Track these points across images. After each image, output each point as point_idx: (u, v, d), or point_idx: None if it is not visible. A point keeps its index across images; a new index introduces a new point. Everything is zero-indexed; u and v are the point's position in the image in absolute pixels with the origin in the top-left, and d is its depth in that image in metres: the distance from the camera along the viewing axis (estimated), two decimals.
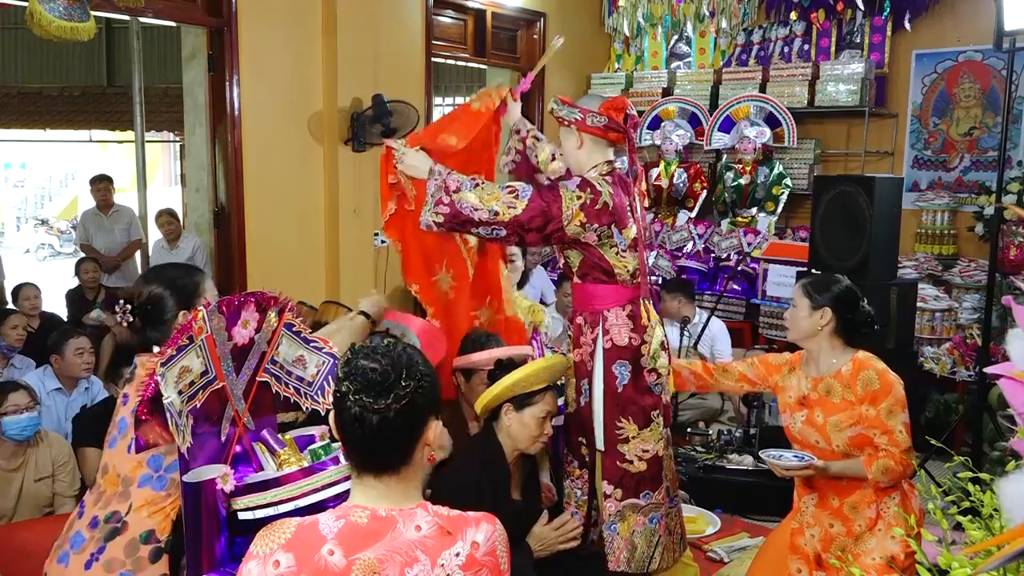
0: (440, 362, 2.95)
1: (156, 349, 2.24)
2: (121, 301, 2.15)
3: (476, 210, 2.65)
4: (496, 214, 2.64)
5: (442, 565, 1.41)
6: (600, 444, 2.84)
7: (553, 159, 3.09)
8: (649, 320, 2.86)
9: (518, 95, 3.14)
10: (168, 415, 1.92)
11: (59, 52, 12.76)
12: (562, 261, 2.93)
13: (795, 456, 2.60)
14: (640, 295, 2.87)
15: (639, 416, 2.81)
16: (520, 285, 3.96)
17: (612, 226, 2.74)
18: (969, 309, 5.56)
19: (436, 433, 1.48)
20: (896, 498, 2.56)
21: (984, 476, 1.60)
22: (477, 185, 2.69)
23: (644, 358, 2.82)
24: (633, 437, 2.82)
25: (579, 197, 2.68)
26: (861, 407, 2.54)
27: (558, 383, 2.86)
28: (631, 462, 2.82)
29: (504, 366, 2.74)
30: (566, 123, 2.83)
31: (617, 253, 2.78)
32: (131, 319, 2.14)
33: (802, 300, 2.68)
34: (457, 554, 1.43)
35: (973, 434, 4.49)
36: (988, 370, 1.35)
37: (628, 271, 2.81)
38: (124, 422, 2.18)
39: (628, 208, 2.81)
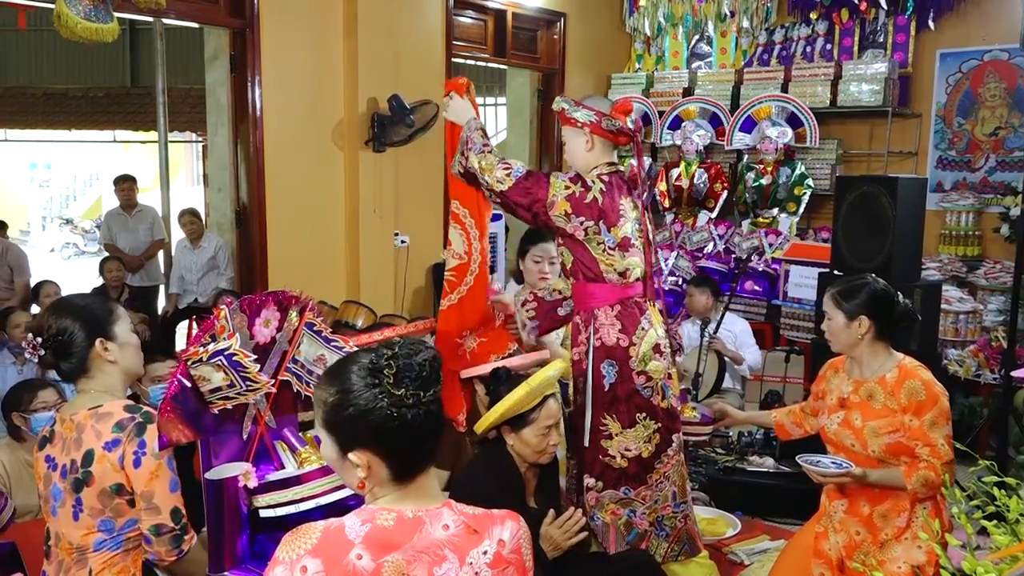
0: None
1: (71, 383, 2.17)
2: (30, 335, 2.07)
3: (479, 174, 2.87)
4: (489, 184, 2.85)
5: (470, 563, 1.41)
6: (586, 440, 2.88)
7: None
8: (643, 322, 2.87)
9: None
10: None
11: (84, 54, 12.91)
12: (559, 261, 2.99)
13: (832, 462, 2.54)
14: (633, 295, 2.88)
15: (624, 415, 2.85)
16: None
17: (600, 222, 2.79)
18: (994, 311, 5.49)
19: None
20: (927, 508, 2.52)
21: (1009, 480, 1.58)
22: (482, 152, 2.88)
23: (632, 360, 2.84)
24: (616, 434, 2.86)
25: (567, 187, 2.80)
26: (904, 417, 2.49)
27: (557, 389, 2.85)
28: (613, 458, 2.87)
29: (500, 378, 2.73)
30: (579, 125, 2.86)
31: (605, 250, 2.82)
32: (42, 352, 2.06)
33: (835, 312, 2.61)
34: (485, 552, 1.43)
35: (998, 438, 4.44)
36: (1014, 373, 1.33)
37: (616, 270, 2.84)
38: (58, 490, 2.09)
39: (621, 208, 2.84)
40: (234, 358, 1.91)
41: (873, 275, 2.71)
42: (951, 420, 2.51)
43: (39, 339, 2.06)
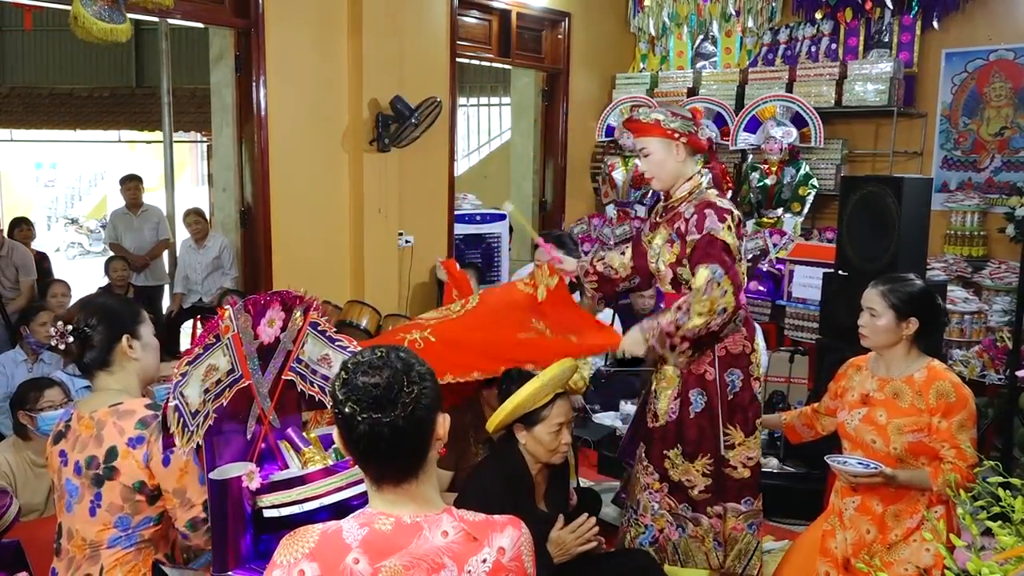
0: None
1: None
2: (60, 323, 2.14)
3: (708, 319, 2.63)
4: (725, 308, 2.64)
5: (469, 571, 1.40)
6: (720, 450, 2.85)
7: (624, 254, 3.10)
8: (756, 327, 2.92)
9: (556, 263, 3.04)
10: (176, 415, 1.93)
11: (89, 54, 12.94)
12: (668, 277, 2.88)
13: (860, 463, 2.53)
14: (744, 302, 2.89)
15: (745, 424, 2.84)
16: None
17: (743, 239, 2.83)
18: (999, 312, 5.47)
19: (445, 427, 1.48)
20: (939, 511, 2.52)
21: (1015, 481, 1.58)
22: (688, 312, 2.66)
23: (752, 366, 2.85)
24: (739, 444, 2.84)
25: (730, 228, 2.70)
26: (932, 418, 2.49)
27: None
28: (735, 468, 2.85)
29: (512, 378, 2.72)
30: (676, 136, 2.79)
31: (741, 261, 2.81)
32: (70, 340, 2.12)
33: (886, 311, 2.58)
34: (484, 560, 1.42)
35: (1003, 438, 4.43)
36: (1019, 373, 1.33)
37: (745, 278, 2.85)
38: (74, 487, 2.12)
39: None
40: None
41: (914, 274, 2.70)
42: (977, 424, 2.51)
43: (69, 327, 2.12)
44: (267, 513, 2.02)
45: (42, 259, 6.60)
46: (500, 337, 2.90)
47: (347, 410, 1.40)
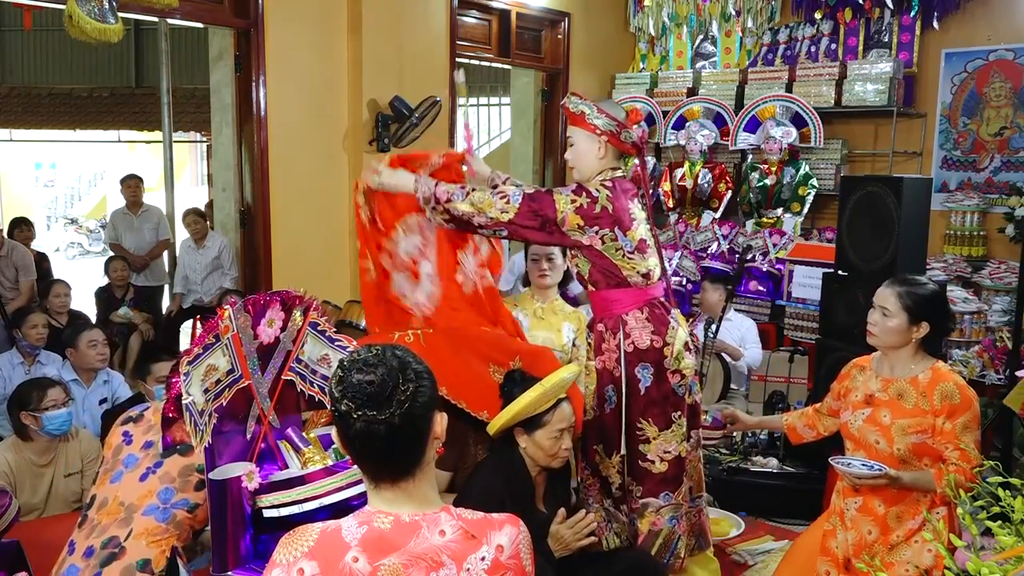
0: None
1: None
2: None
3: (474, 216, 2.75)
4: (492, 219, 2.74)
5: (468, 570, 1.40)
6: (623, 448, 2.86)
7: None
8: (672, 321, 2.86)
9: (471, 151, 3.19)
10: (188, 414, 1.94)
11: (88, 54, 12.93)
12: (575, 271, 2.96)
13: (863, 464, 2.52)
14: (658, 296, 2.88)
15: (659, 418, 2.83)
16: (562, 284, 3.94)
17: (615, 229, 2.77)
18: (999, 312, 5.48)
19: (443, 426, 1.48)
20: (942, 512, 2.52)
21: (1014, 481, 1.58)
22: (468, 194, 2.76)
23: (667, 359, 2.83)
24: (654, 438, 2.84)
25: (574, 201, 2.75)
26: (937, 419, 2.48)
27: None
28: (652, 462, 2.85)
29: (514, 380, 2.72)
30: (597, 132, 2.83)
31: (624, 256, 2.81)
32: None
33: (900, 312, 2.57)
34: (482, 558, 1.42)
35: (1003, 439, 4.43)
36: (1019, 373, 1.33)
37: (639, 273, 2.83)
38: (133, 458, 2.25)
39: (631, 211, 2.83)
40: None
41: (928, 278, 2.70)
42: (980, 425, 2.51)
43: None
44: (267, 513, 2.03)
45: (42, 259, 6.60)
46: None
47: (343, 408, 1.40)
